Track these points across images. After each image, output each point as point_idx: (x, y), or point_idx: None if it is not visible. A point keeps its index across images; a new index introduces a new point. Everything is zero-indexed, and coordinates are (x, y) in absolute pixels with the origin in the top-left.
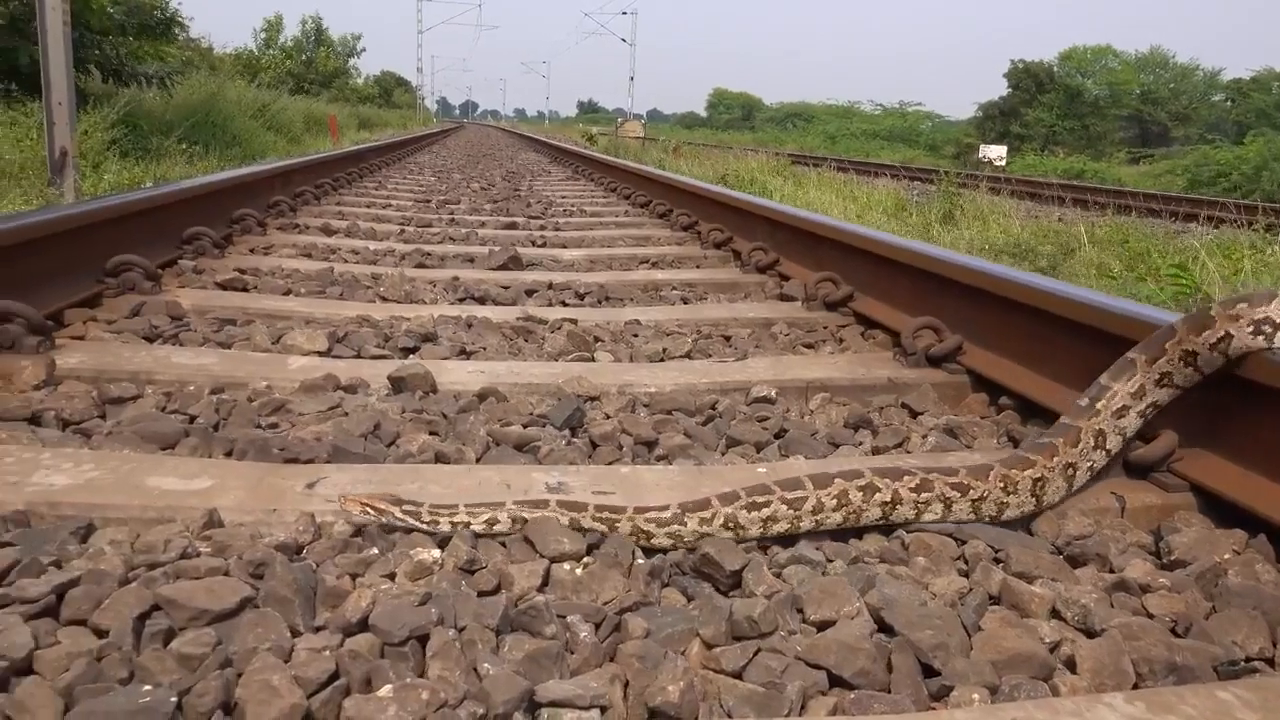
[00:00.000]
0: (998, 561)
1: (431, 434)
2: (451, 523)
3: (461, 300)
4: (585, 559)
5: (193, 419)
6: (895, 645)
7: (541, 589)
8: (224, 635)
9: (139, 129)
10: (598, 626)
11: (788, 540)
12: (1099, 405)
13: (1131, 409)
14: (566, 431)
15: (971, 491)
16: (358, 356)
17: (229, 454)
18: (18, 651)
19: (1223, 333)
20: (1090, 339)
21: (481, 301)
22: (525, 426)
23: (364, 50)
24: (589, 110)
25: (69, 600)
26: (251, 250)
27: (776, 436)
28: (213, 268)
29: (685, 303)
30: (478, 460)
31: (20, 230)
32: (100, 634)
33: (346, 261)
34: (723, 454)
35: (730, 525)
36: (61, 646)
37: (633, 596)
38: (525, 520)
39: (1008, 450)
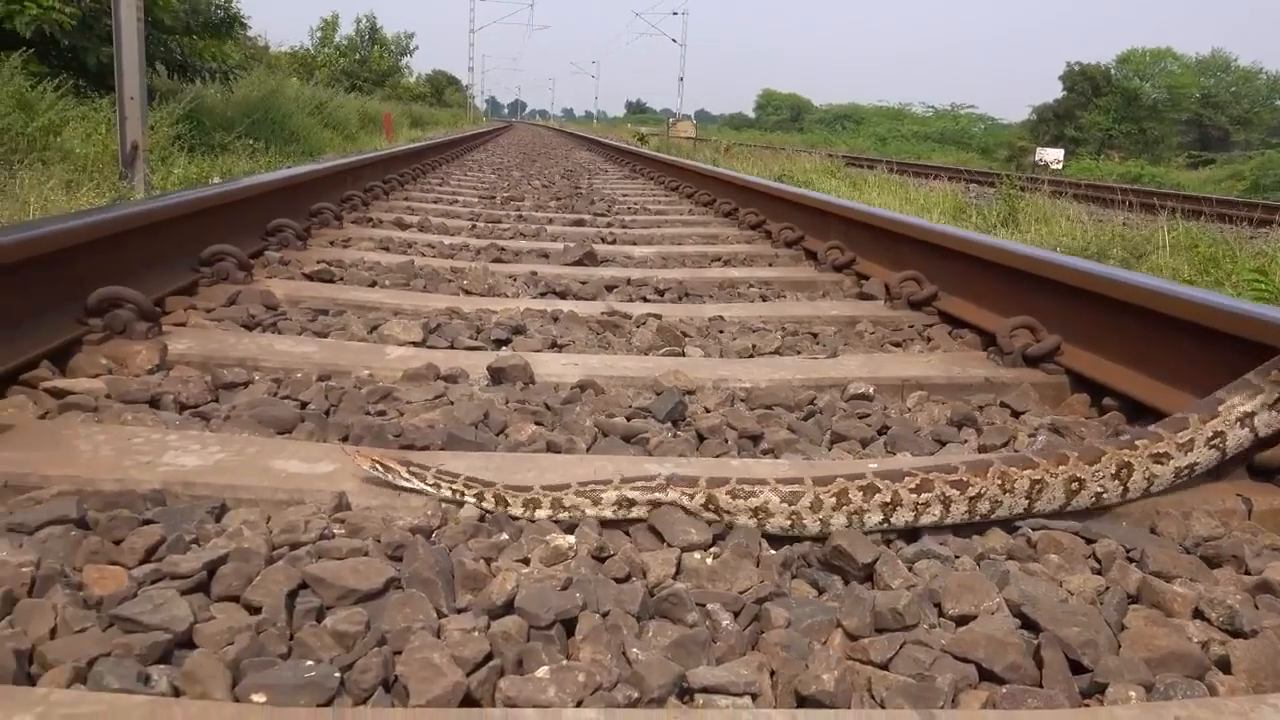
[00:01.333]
0: (1131, 560)
1: (537, 424)
2: (476, 496)
3: (543, 294)
4: (712, 548)
5: (304, 405)
6: (1044, 641)
7: (674, 577)
8: (373, 614)
9: (202, 125)
10: (736, 615)
11: (909, 534)
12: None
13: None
14: (669, 424)
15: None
16: (451, 347)
17: (344, 439)
18: (179, 625)
19: None
20: (1202, 339)
21: (562, 296)
22: (629, 419)
23: (417, 49)
24: (637, 110)
25: (220, 577)
26: (331, 243)
27: (879, 433)
28: (297, 259)
29: (764, 300)
30: (588, 450)
31: (125, 219)
32: (253, 610)
33: (424, 255)
34: (828, 449)
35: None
36: (218, 621)
37: (767, 587)
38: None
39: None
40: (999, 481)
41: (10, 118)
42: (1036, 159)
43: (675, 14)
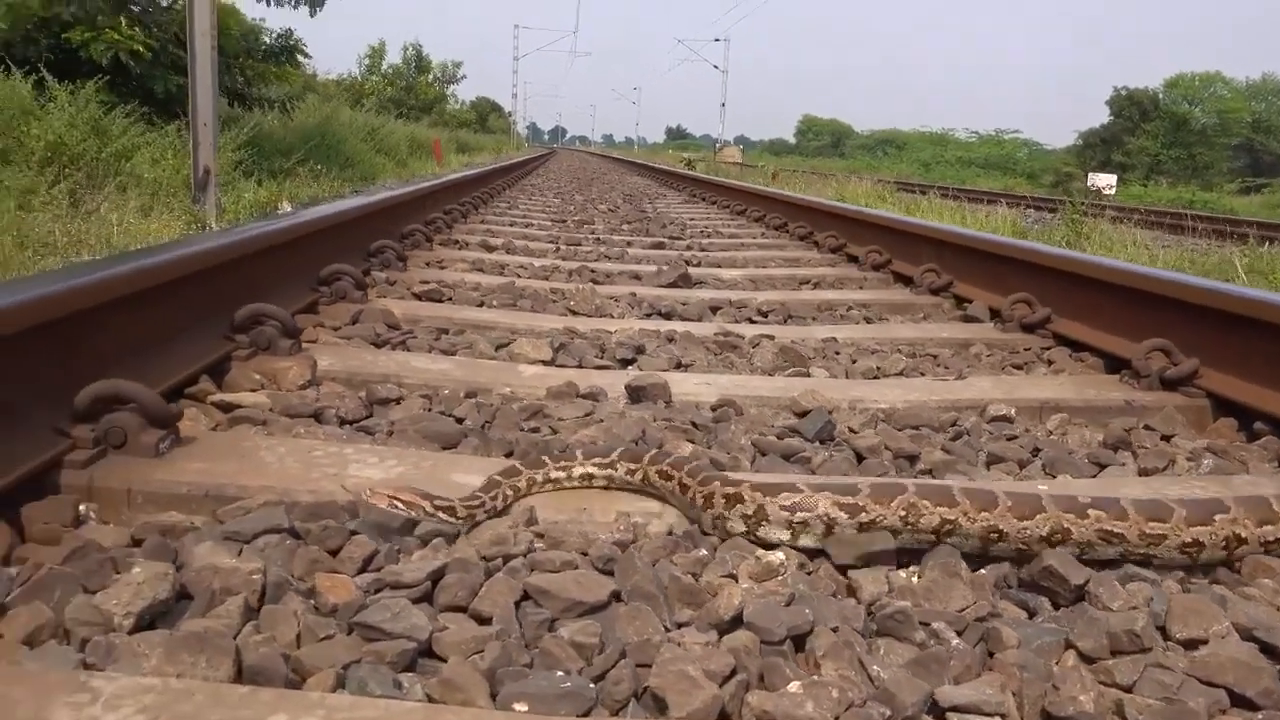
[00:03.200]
0: None
1: (689, 442)
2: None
3: (648, 315)
4: (913, 566)
5: (460, 420)
6: None
7: (888, 595)
8: (604, 627)
9: (262, 150)
10: (960, 633)
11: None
12: None
13: None
14: (817, 444)
15: None
16: (580, 366)
17: (508, 454)
18: (419, 633)
19: None
20: None
21: (668, 317)
22: (780, 438)
23: (464, 78)
24: (677, 136)
25: (444, 587)
26: (426, 264)
27: (1032, 454)
28: (402, 279)
29: (869, 322)
30: (751, 467)
31: (256, 240)
32: (482, 620)
33: (520, 276)
34: (986, 470)
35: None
36: (455, 631)
37: (984, 606)
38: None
39: None
40: None
41: (86, 143)
42: (1089, 184)
43: (717, 40)
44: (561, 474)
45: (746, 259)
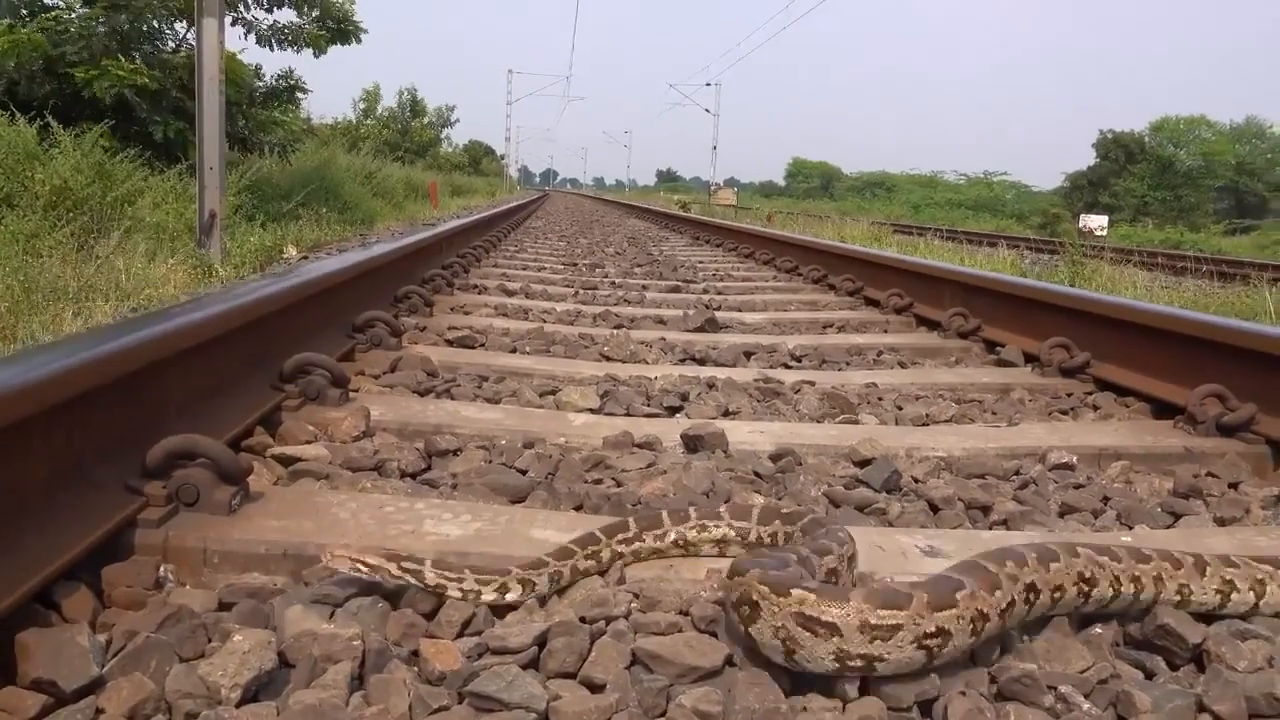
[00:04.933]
0: None
1: (755, 492)
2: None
3: (682, 360)
4: None
5: (524, 472)
6: None
7: (1002, 655)
8: (722, 693)
9: (262, 194)
10: (1087, 695)
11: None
12: None
13: None
14: (883, 493)
15: None
16: (628, 414)
17: (578, 508)
18: (536, 703)
19: None
20: None
21: (701, 362)
22: (847, 488)
23: (458, 121)
24: (668, 179)
25: (551, 652)
26: (451, 309)
27: (1103, 503)
28: (430, 325)
29: (903, 366)
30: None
31: (298, 289)
32: (594, 688)
33: (545, 321)
34: (1061, 520)
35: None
36: (569, 700)
37: (1105, 668)
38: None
39: None
40: None
41: (91, 188)
42: (1080, 225)
43: (708, 84)
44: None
45: (765, 302)
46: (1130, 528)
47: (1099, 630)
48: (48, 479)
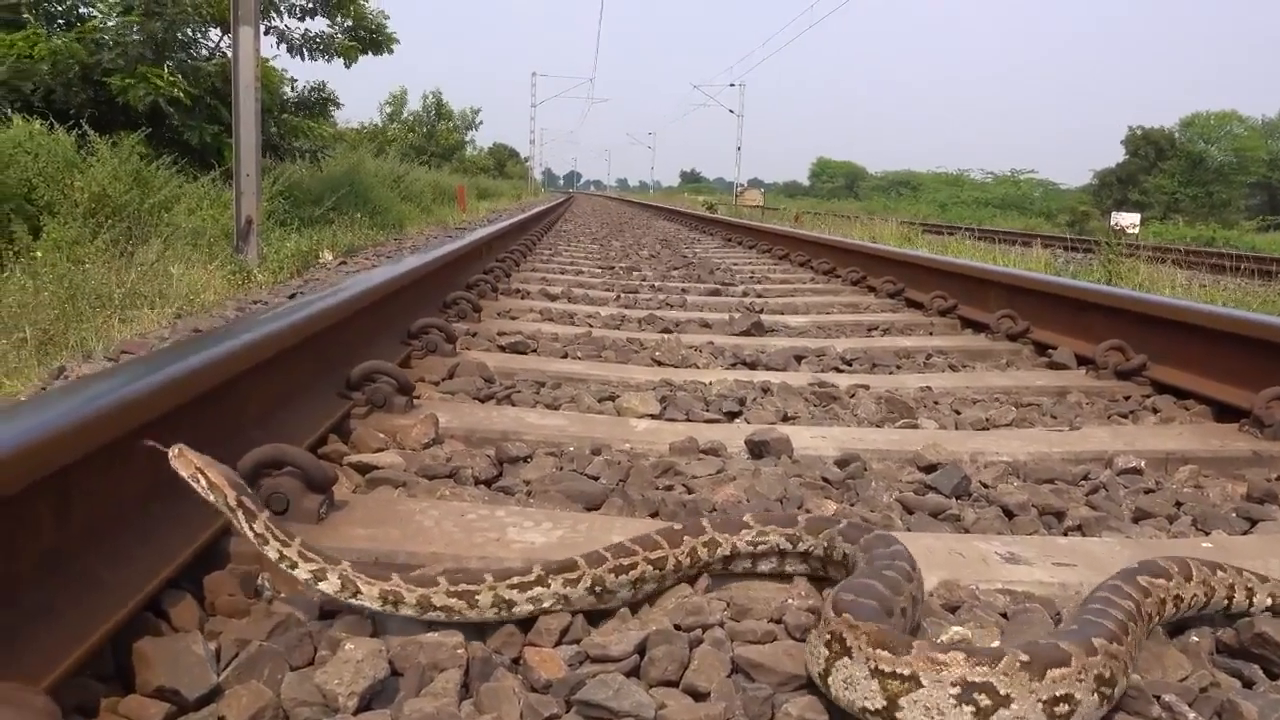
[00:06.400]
0: None
1: (825, 498)
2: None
3: (733, 365)
4: None
5: (595, 479)
6: None
7: None
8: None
9: (295, 199)
10: (1191, 704)
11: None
12: None
13: None
14: (954, 499)
15: None
16: (689, 419)
17: (653, 514)
18: (645, 711)
19: None
20: None
21: (752, 366)
22: (918, 494)
23: (482, 124)
24: (692, 179)
25: (653, 660)
26: (498, 314)
27: (1176, 508)
28: (480, 330)
29: (954, 369)
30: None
31: (356, 300)
32: (697, 696)
33: (592, 326)
34: (1136, 525)
35: None
36: (676, 709)
37: (1204, 676)
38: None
39: None
40: None
41: (129, 195)
42: (1111, 223)
43: (732, 85)
44: None
45: (807, 305)
46: (1207, 533)
47: (1195, 639)
48: (144, 491)
